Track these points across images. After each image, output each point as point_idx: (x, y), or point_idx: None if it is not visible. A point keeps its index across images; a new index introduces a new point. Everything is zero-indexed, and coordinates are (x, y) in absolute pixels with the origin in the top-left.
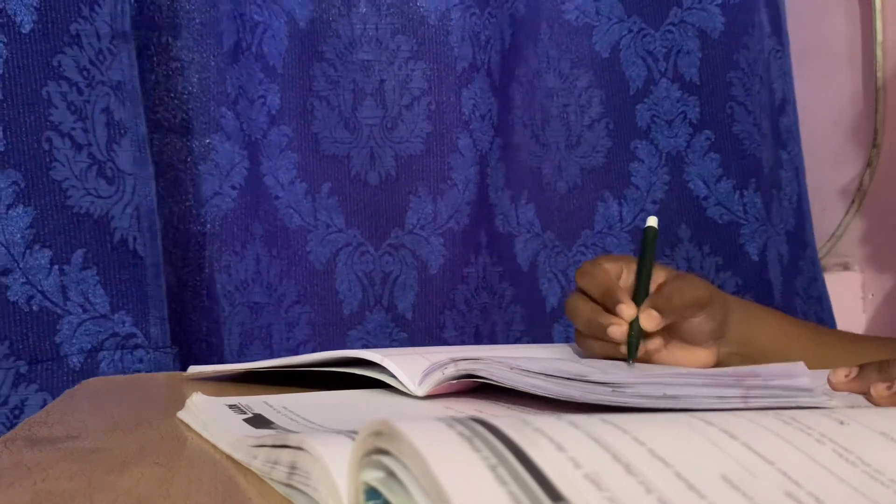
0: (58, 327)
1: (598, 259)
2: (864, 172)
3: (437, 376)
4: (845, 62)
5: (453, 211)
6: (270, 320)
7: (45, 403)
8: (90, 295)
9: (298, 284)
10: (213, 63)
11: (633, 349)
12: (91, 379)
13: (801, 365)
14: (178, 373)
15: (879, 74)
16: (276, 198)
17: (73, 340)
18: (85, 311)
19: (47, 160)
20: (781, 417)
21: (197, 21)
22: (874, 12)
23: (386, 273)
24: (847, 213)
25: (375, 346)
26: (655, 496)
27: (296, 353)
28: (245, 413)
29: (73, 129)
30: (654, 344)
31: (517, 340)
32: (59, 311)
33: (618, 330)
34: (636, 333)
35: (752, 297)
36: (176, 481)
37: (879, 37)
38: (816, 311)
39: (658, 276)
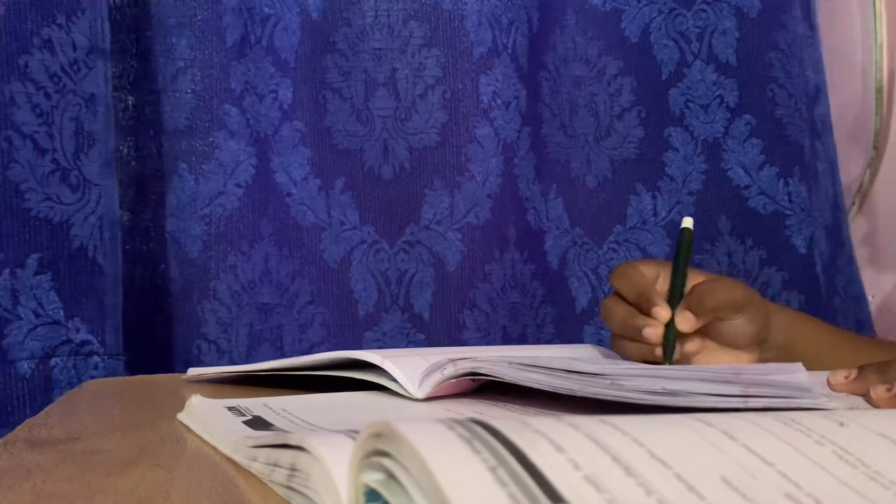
0: (6, 332)
1: (634, 262)
2: (865, 174)
3: (436, 377)
4: (846, 63)
5: (472, 204)
6: (281, 321)
7: None
8: (43, 300)
9: (312, 284)
10: (216, 59)
11: (669, 352)
12: (91, 381)
13: (798, 364)
14: (177, 374)
15: (880, 76)
16: (289, 195)
17: (24, 346)
18: (37, 316)
19: (4, 160)
20: (781, 419)
21: (198, 18)
22: (875, 14)
23: (402, 271)
24: (847, 214)
25: (392, 349)
26: (655, 498)
27: (308, 354)
28: (244, 415)
29: (37, 132)
30: (692, 346)
31: (548, 343)
32: (8, 315)
33: (653, 332)
34: (672, 336)
35: (800, 293)
36: (176, 483)
37: (880, 38)
38: (855, 311)
39: (694, 278)
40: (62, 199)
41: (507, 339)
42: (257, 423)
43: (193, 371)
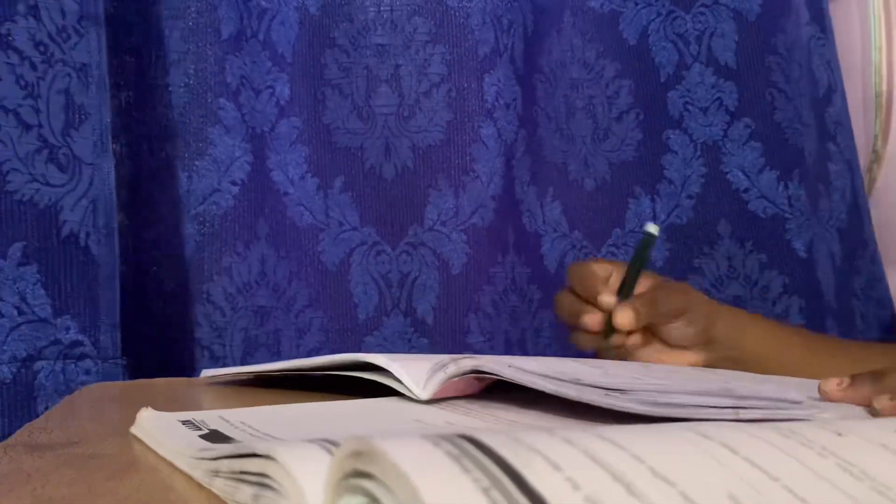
0: None
1: (589, 260)
2: (865, 176)
3: (440, 376)
4: (845, 66)
5: (477, 206)
6: (278, 325)
7: None
8: (27, 296)
9: (310, 287)
10: (210, 53)
11: (608, 330)
12: (91, 385)
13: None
14: (179, 378)
15: (878, 79)
16: (285, 194)
17: (4, 347)
18: (21, 313)
19: None
20: (779, 430)
21: (192, 10)
22: (874, 16)
23: (404, 274)
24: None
25: (392, 353)
26: None
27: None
28: (200, 429)
29: (21, 105)
30: (633, 340)
31: (546, 348)
32: None
33: (591, 318)
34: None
35: (800, 297)
36: (176, 487)
37: (879, 41)
38: (877, 313)
39: (646, 280)
40: (49, 180)
41: (509, 344)
42: (215, 437)
43: (208, 372)
